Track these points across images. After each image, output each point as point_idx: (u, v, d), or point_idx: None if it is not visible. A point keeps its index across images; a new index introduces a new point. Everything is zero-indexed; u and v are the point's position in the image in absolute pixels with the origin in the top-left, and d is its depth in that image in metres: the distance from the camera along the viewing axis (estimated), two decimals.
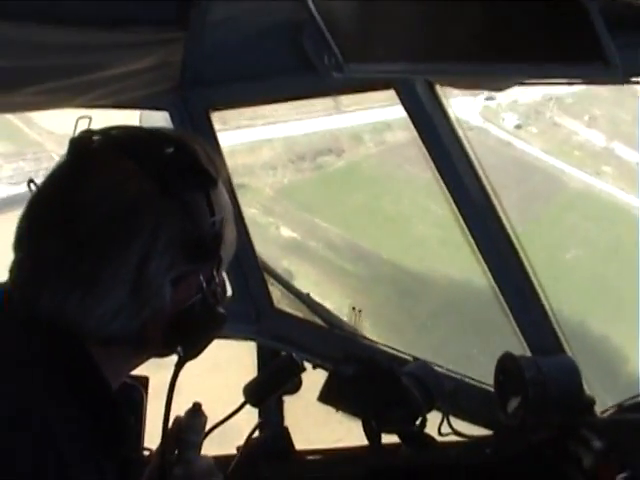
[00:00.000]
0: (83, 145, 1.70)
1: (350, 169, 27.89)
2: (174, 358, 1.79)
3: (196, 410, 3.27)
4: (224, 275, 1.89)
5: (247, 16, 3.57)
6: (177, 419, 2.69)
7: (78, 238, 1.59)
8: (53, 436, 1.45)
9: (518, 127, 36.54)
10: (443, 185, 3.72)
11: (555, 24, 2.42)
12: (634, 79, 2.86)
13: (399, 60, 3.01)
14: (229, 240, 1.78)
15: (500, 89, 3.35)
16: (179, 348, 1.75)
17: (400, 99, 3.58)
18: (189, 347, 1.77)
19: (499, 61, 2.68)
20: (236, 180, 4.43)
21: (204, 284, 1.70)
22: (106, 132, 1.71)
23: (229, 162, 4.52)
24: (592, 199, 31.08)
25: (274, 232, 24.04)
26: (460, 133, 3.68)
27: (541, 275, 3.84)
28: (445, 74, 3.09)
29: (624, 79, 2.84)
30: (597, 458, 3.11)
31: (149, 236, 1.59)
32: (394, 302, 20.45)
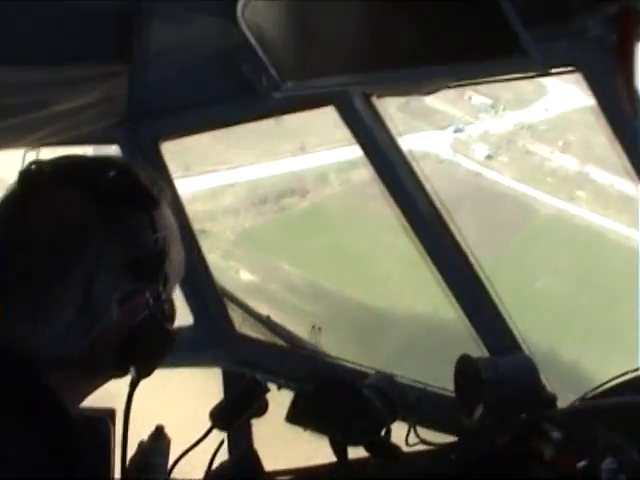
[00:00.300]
0: (29, 175, 1.74)
1: (314, 209, 27.91)
2: None
3: (159, 433, 3.29)
4: (173, 293, 1.87)
5: (187, 45, 3.65)
6: (141, 444, 2.70)
7: (24, 268, 1.63)
8: (3, 462, 1.45)
9: (489, 157, 36.53)
10: (390, 197, 3.80)
11: (474, 24, 2.52)
12: (555, 70, 2.98)
13: (334, 74, 3.10)
14: (175, 259, 1.80)
15: (429, 93, 3.43)
16: (132, 368, 1.74)
17: (340, 115, 3.67)
18: (141, 366, 1.77)
19: (426, 65, 2.77)
20: (197, 226, 4.51)
21: (151, 302, 1.70)
22: (53, 161, 1.77)
23: (191, 208, 4.63)
24: (565, 225, 31.14)
25: (233, 276, 23.68)
26: (402, 146, 3.76)
27: (509, 305, 3.90)
28: (378, 82, 3.17)
29: (544, 70, 2.96)
30: (556, 449, 3.14)
31: (93, 259, 1.62)
32: (354, 340, 20.31)
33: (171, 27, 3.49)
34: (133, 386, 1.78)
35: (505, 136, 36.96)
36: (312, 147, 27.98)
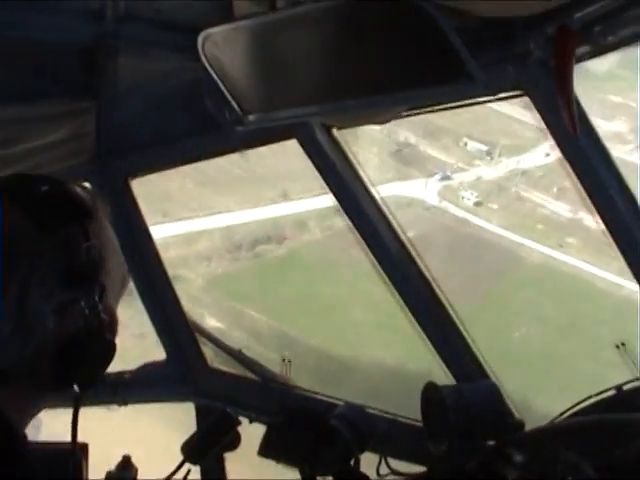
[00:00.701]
0: None
1: (290, 256, 27.70)
2: None
3: (126, 463, 3.31)
4: (115, 306, 1.87)
5: (153, 81, 3.74)
6: (109, 474, 2.70)
7: None
8: None
9: (478, 204, 36.26)
10: (353, 228, 3.86)
11: (424, 53, 2.61)
12: (502, 95, 3.07)
13: (294, 106, 3.17)
14: (114, 271, 1.81)
15: (385, 121, 3.51)
16: (74, 385, 1.74)
17: (302, 147, 3.74)
18: (81, 377, 1.76)
19: (380, 94, 2.85)
20: (170, 272, 4.55)
21: (86, 311, 1.70)
22: None
23: (165, 254, 4.67)
24: (551, 273, 30.85)
25: (199, 323, 23.47)
26: (364, 177, 3.83)
27: (485, 354, 3.94)
28: (337, 112, 3.24)
29: (492, 94, 3.04)
30: (519, 471, 3.16)
31: (26, 269, 1.65)
32: (315, 387, 20.04)
33: (135, 63, 3.57)
34: (77, 401, 1.76)
35: (497, 182, 36.83)
36: (296, 194, 27.98)
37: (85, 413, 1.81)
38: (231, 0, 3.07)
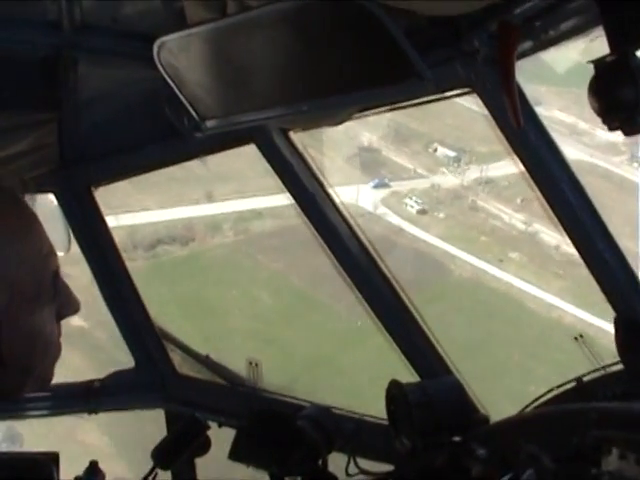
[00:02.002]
0: None
1: (191, 258, 27.12)
2: None
3: (93, 468, 3.33)
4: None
5: (113, 90, 3.77)
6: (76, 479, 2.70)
7: None
8: None
9: (422, 212, 34.95)
10: (313, 230, 3.91)
11: (373, 54, 2.66)
12: (450, 93, 3.13)
13: (250, 110, 3.21)
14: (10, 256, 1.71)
15: (339, 123, 3.56)
16: None
17: (260, 151, 3.79)
18: None
19: (331, 95, 2.90)
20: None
21: None
22: None
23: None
24: (477, 288, 29.57)
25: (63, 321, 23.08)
26: (322, 179, 3.88)
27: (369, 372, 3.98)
28: (293, 114, 3.28)
29: (441, 92, 3.10)
30: (482, 465, 3.21)
31: None
32: None
33: (95, 73, 3.61)
34: None
35: (455, 191, 36.42)
36: (222, 195, 27.61)
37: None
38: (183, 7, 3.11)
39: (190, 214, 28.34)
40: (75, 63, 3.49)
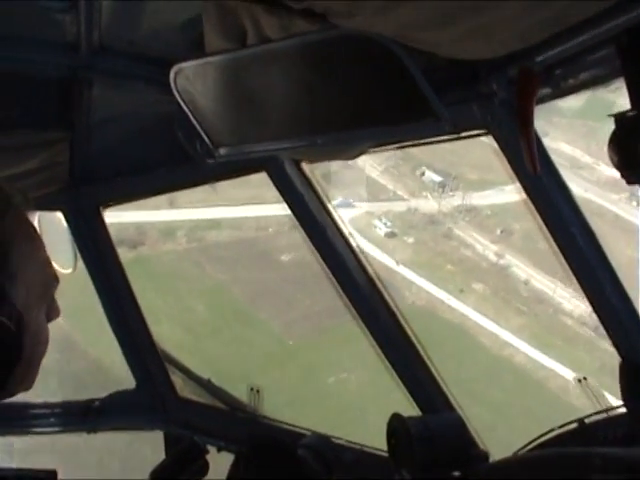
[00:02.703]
0: None
1: (136, 262, 26.47)
2: None
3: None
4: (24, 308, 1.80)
5: (126, 112, 3.79)
6: None
7: None
8: None
9: (390, 235, 35.15)
10: (322, 261, 3.91)
11: (391, 91, 2.67)
12: (467, 133, 3.15)
13: (265, 140, 3.23)
14: (24, 273, 1.77)
15: (354, 157, 3.58)
16: None
17: (272, 180, 3.80)
18: None
19: (348, 130, 2.91)
20: None
21: None
22: None
23: None
24: (426, 318, 28.20)
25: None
26: (333, 212, 3.89)
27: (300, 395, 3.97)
28: (307, 147, 3.29)
29: (457, 132, 3.12)
30: None
31: None
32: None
33: (110, 95, 3.62)
34: None
35: (432, 216, 36.13)
36: (185, 202, 27.48)
37: None
38: (202, 35, 3.12)
39: (147, 219, 28.25)
40: (90, 84, 3.50)
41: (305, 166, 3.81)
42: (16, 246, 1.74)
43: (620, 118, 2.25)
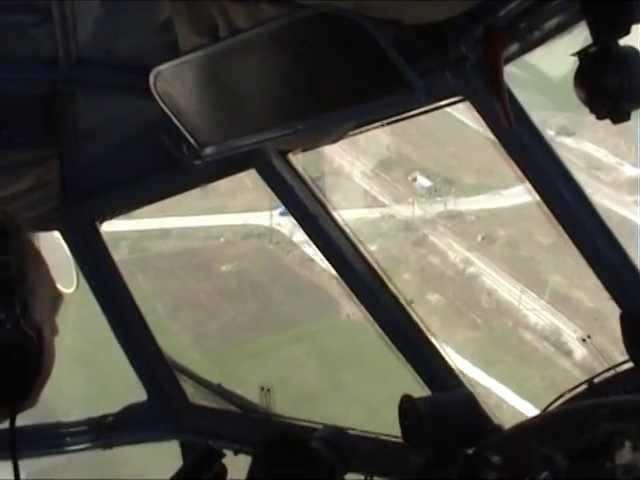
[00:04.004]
0: None
1: None
2: None
3: None
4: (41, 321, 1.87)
5: (111, 122, 3.82)
6: None
7: None
8: None
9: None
10: (319, 252, 3.93)
11: (362, 67, 2.70)
12: (443, 102, 3.17)
13: (247, 134, 3.25)
14: (38, 287, 1.84)
15: (336, 140, 3.60)
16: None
17: (261, 175, 3.83)
18: (12, 390, 1.78)
19: (325, 112, 2.94)
20: None
21: (8, 325, 1.72)
22: None
23: None
24: (359, 332, 27.57)
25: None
26: (324, 201, 3.91)
27: None
28: (288, 135, 3.32)
29: (433, 102, 3.15)
30: (498, 472, 3.20)
31: None
32: None
33: (93, 107, 3.66)
34: (13, 413, 1.81)
35: (409, 223, 35.57)
36: (140, 212, 27.48)
37: None
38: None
39: None
40: (72, 98, 3.54)
41: (292, 157, 3.83)
42: (29, 263, 1.81)
43: (583, 55, 2.28)
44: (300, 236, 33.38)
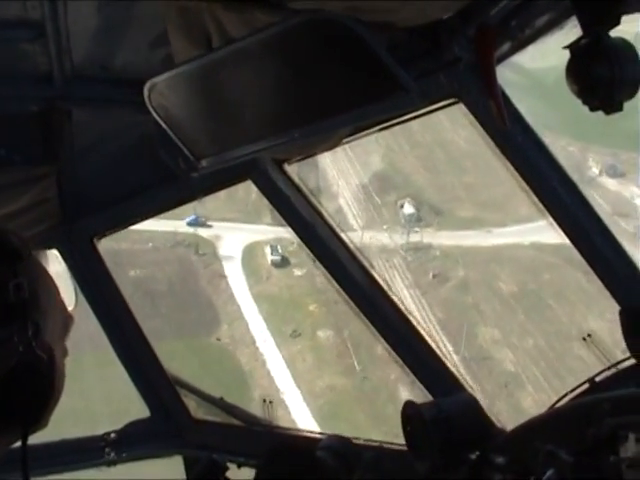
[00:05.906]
0: None
1: None
2: None
3: None
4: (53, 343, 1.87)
5: (108, 138, 3.84)
6: None
7: None
8: None
9: (277, 264, 35.30)
10: (316, 260, 3.94)
11: (356, 72, 2.72)
12: (438, 105, 3.20)
13: (242, 144, 3.26)
14: (49, 309, 1.83)
15: (331, 148, 3.62)
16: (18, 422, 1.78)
17: (257, 186, 3.85)
18: (24, 414, 1.79)
19: (320, 119, 2.96)
20: None
21: (20, 348, 1.72)
22: None
23: None
24: (215, 354, 28.35)
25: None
26: (321, 209, 3.92)
27: None
28: (284, 144, 3.33)
29: (428, 104, 3.17)
30: (502, 473, 3.20)
31: None
32: None
33: (90, 122, 3.68)
34: (25, 435, 1.79)
35: (363, 250, 34.93)
36: None
37: None
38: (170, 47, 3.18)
39: None
40: (69, 114, 3.55)
41: (288, 167, 3.85)
42: (40, 285, 1.80)
43: (574, 48, 2.31)
44: (226, 250, 32.84)
